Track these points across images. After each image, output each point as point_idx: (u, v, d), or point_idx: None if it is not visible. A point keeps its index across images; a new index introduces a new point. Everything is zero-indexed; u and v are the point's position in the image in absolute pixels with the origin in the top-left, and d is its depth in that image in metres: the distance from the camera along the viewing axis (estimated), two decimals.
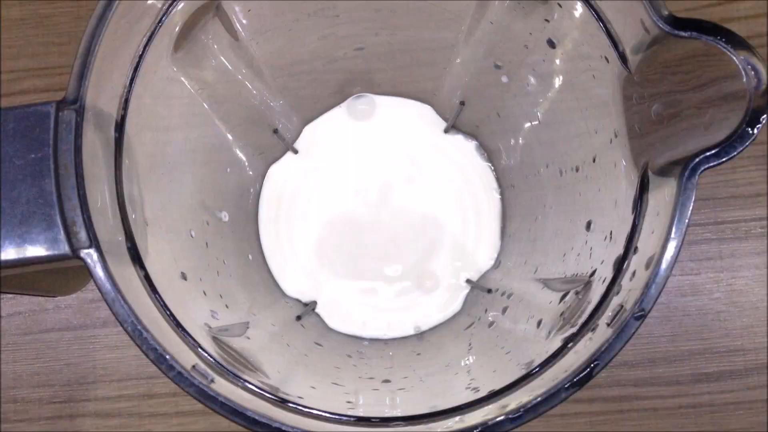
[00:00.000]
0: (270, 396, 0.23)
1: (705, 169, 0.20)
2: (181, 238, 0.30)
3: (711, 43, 0.20)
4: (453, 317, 0.37)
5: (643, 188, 0.23)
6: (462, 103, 0.36)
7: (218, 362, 0.23)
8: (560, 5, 0.26)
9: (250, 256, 0.37)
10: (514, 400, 0.22)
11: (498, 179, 0.38)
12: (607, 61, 0.24)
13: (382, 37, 0.33)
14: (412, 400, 0.29)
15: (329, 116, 0.38)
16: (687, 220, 0.21)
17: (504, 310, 0.33)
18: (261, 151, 0.37)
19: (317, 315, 0.37)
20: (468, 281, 0.37)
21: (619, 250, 0.24)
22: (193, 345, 0.23)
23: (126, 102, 0.24)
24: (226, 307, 0.31)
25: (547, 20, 0.27)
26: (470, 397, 0.24)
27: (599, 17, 0.24)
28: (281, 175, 0.38)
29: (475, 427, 0.21)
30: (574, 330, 0.23)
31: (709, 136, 0.20)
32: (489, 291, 0.36)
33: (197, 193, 0.32)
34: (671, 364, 0.37)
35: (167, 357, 0.21)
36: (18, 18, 0.40)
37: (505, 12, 0.29)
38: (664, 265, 0.21)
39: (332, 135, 0.38)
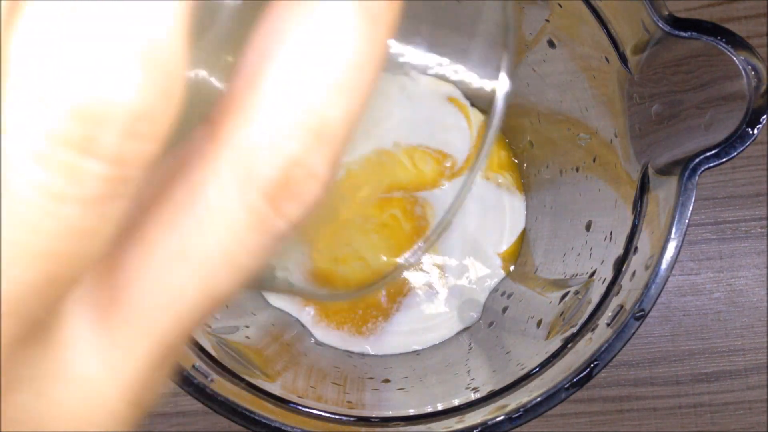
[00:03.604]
0: (270, 396, 0.23)
1: (705, 170, 0.20)
2: None
3: (711, 43, 0.20)
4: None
5: (643, 188, 0.23)
6: None
7: (218, 362, 0.23)
8: (560, 5, 0.26)
9: None
10: (514, 400, 0.22)
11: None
12: (608, 61, 0.24)
13: None
14: (412, 400, 0.29)
15: None
16: (687, 220, 0.21)
17: (504, 310, 0.33)
18: None
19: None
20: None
21: (619, 250, 0.24)
22: (193, 344, 0.23)
23: None
24: (226, 307, 0.31)
25: (547, 20, 0.27)
26: (470, 397, 0.24)
27: (599, 17, 0.24)
28: None
29: (475, 427, 0.21)
30: (574, 330, 0.23)
31: (709, 136, 0.20)
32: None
33: None
34: (671, 364, 0.37)
35: None
36: None
37: None
38: (663, 265, 0.21)
39: None
